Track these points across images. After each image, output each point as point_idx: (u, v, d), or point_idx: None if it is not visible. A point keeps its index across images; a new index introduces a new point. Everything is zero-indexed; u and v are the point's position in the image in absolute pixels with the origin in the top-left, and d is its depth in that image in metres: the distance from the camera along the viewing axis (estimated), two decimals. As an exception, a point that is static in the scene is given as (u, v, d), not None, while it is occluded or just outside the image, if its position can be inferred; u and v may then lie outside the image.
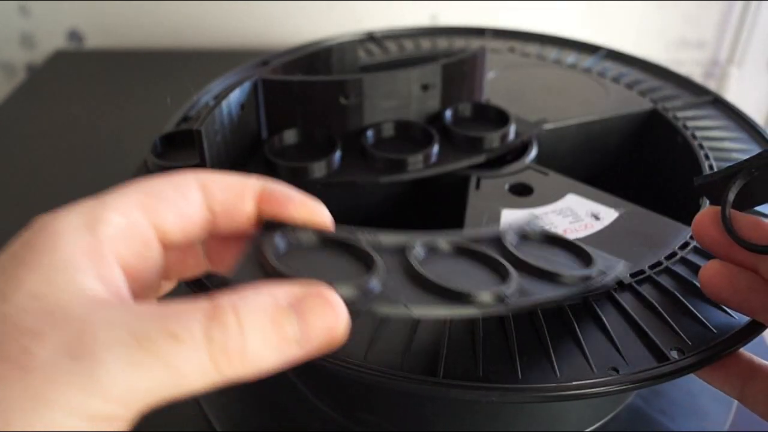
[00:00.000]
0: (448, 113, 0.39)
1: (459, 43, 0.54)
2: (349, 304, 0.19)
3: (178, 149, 0.36)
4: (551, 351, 0.25)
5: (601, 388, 0.24)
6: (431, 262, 0.23)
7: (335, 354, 0.24)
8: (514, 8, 0.84)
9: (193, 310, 0.17)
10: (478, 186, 0.36)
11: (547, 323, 0.26)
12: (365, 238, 0.23)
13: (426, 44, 0.54)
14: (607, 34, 0.85)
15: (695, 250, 0.31)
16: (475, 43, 0.54)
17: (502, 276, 0.23)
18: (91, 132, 0.67)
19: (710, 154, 0.38)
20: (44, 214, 0.19)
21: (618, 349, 0.25)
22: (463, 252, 0.24)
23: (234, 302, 0.17)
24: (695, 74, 0.88)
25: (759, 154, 0.25)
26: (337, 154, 0.35)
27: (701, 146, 0.39)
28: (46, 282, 0.17)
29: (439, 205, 0.39)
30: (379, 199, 0.40)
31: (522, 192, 0.36)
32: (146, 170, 0.35)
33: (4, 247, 0.18)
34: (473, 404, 0.31)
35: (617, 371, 0.24)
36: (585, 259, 0.26)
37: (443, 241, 0.24)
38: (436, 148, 0.36)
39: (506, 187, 0.36)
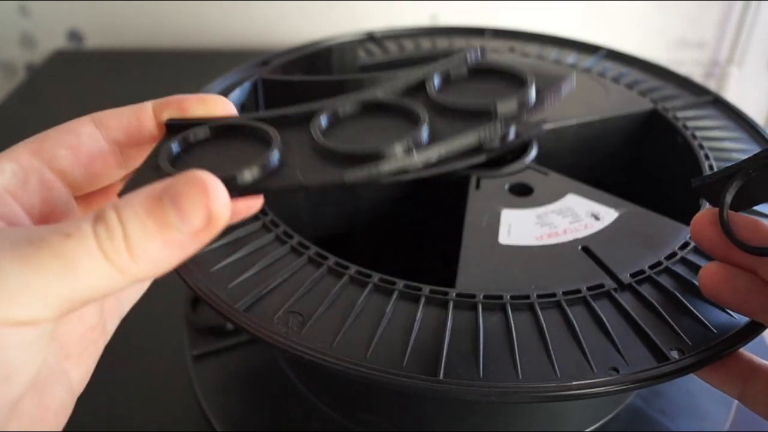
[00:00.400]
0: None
1: (459, 43, 0.54)
2: (242, 185, 0.19)
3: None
4: (551, 351, 0.25)
5: (602, 388, 0.24)
6: (337, 129, 0.22)
7: (336, 353, 0.25)
8: (514, 8, 0.84)
9: (84, 216, 0.18)
10: (478, 186, 0.36)
11: (547, 323, 0.26)
12: (268, 115, 0.22)
13: (426, 44, 0.54)
14: (607, 35, 0.85)
15: (695, 251, 0.31)
16: (475, 44, 0.54)
17: (415, 126, 0.21)
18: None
19: (710, 154, 0.38)
20: None
21: (618, 349, 0.25)
22: (373, 109, 0.22)
23: (115, 202, 0.18)
24: (695, 74, 0.88)
25: (756, 155, 0.24)
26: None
27: (701, 146, 0.39)
28: None
29: (439, 205, 0.39)
30: (378, 199, 0.40)
31: (522, 192, 0.36)
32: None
33: None
34: (473, 404, 0.31)
35: (617, 371, 0.24)
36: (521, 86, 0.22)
37: (349, 102, 0.22)
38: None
39: (506, 187, 0.36)
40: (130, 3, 0.83)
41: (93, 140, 0.22)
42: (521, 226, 0.33)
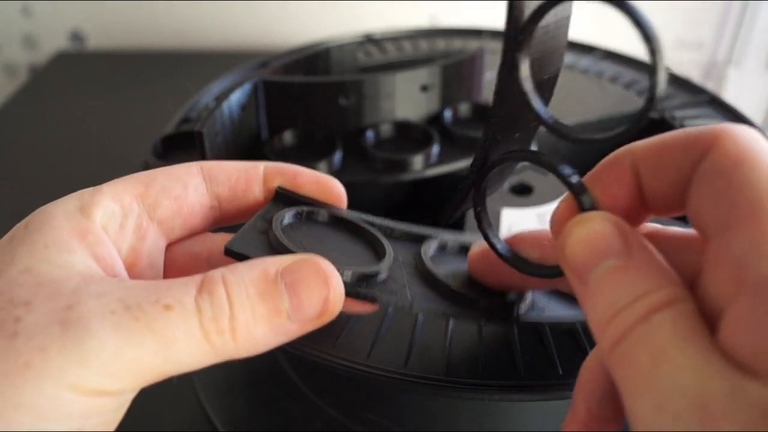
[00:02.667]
0: (448, 113, 0.39)
1: (456, 44, 0.54)
2: (352, 286, 0.19)
3: (179, 150, 0.36)
4: (553, 349, 0.25)
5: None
6: (440, 260, 0.22)
7: (338, 353, 0.25)
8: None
9: (185, 283, 0.17)
10: (478, 186, 0.36)
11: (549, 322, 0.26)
12: (379, 223, 0.22)
13: (424, 45, 0.54)
14: (606, 35, 0.86)
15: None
16: (472, 44, 0.54)
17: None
18: (92, 133, 0.67)
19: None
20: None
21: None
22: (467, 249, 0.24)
23: (224, 274, 0.17)
24: (694, 75, 0.88)
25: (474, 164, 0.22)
26: (338, 155, 0.35)
27: (699, 145, 0.39)
28: (39, 258, 0.17)
29: (440, 205, 0.39)
30: (379, 199, 0.40)
31: (522, 191, 0.36)
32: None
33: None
34: (476, 403, 0.31)
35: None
36: None
37: (453, 240, 0.24)
38: (436, 149, 0.36)
39: (506, 186, 0.36)
40: (132, 4, 0.83)
41: (198, 193, 0.21)
42: (521, 226, 0.33)
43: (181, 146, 0.37)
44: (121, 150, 0.62)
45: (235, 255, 0.19)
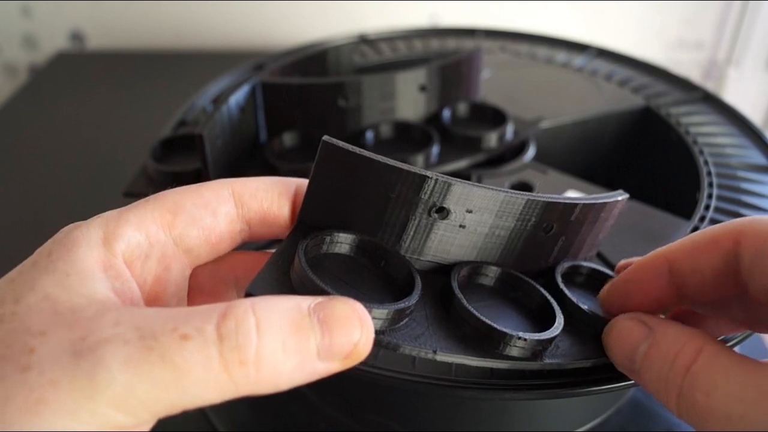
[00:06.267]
0: (446, 113, 0.39)
1: (451, 43, 0.54)
2: (378, 332, 0.18)
3: (178, 153, 0.36)
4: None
5: (612, 384, 0.24)
6: (469, 293, 0.21)
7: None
8: (513, 8, 0.84)
9: (208, 311, 0.16)
10: (478, 185, 0.36)
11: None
12: (406, 246, 0.21)
13: (419, 45, 0.54)
14: (605, 35, 0.86)
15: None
16: (466, 44, 0.54)
17: (543, 320, 0.22)
18: (92, 133, 0.67)
19: (705, 150, 0.39)
20: (70, 224, 0.19)
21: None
22: (506, 284, 0.23)
23: (254, 302, 0.16)
24: (693, 75, 0.88)
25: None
26: (338, 156, 0.35)
27: (695, 142, 0.40)
28: (60, 285, 0.17)
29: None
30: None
31: (522, 190, 0.36)
32: (145, 176, 0.35)
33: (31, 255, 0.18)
34: (483, 402, 0.31)
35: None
36: None
37: (488, 268, 0.23)
38: (436, 148, 0.36)
39: (507, 185, 0.36)
40: (132, 4, 0.83)
41: (228, 220, 0.20)
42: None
43: (180, 149, 0.36)
44: (121, 150, 0.62)
45: None
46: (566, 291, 0.23)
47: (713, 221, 0.33)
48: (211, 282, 0.22)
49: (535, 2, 0.84)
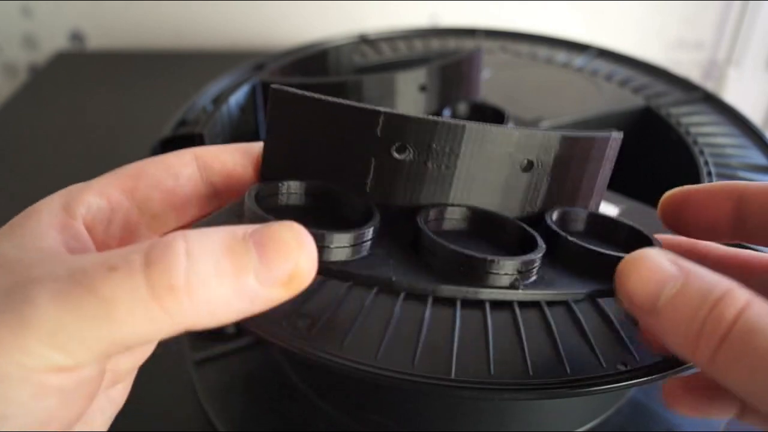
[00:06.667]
0: (447, 114, 0.39)
1: (451, 43, 0.54)
2: (329, 262, 0.17)
3: (178, 153, 0.36)
4: (560, 347, 0.25)
5: (613, 385, 0.24)
6: (440, 236, 0.20)
7: (345, 354, 0.25)
8: (513, 8, 0.84)
9: (141, 244, 0.15)
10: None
11: (555, 319, 0.26)
12: (369, 185, 0.20)
13: (418, 45, 0.54)
14: (605, 36, 0.86)
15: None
16: (466, 44, 0.54)
17: (524, 249, 0.20)
18: (92, 133, 0.67)
19: (705, 150, 0.39)
20: None
21: (626, 344, 0.25)
22: (479, 220, 0.21)
23: (187, 232, 0.15)
24: (693, 75, 0.88)
25: None
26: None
27: (695, 142, 0.40)
28: (11, 244, 0.17)
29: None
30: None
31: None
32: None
33: None
34: (482, 402, 0.31)
35: (626, 366, 0.25)
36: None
37: (457, 209, 0.21)
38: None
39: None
40: (132, 4, 0.83)
41: (192, 183, 0.20)
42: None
43: (180, 149, 0.36)
44: (121, 150, 0.62)
45: None
46: (558, 230, 0.21)
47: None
48: None
49: (535, 2, 0.84)
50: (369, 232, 0.18)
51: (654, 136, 0.44)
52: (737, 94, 0.87)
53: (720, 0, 0.83)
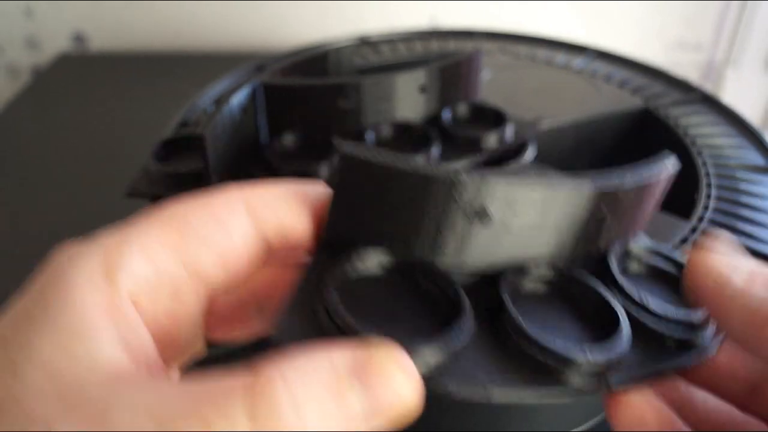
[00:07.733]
0: (446, 114, 0.39)
1: (451, 45, 0.55)
2: (426, 376, 0.16)
3: (180, 154, 0.36)
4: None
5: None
6: (518, 303, 0.19)
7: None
8: (513, 9, 0.84)
9: (231, 387, 0.13)
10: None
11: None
12: (446, 259, 0.19)
13: (418, 47, 0.54)
14: (605, 36, 0.86)
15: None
16: (466, 45, 0.55)
17: (601, 325, 0.19)
18: (94, 134, 0.67)
19: (703, 151, 0.39)
20: (60, 249, 0.16)
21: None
22: (559, 282, 0.20)
23: (283, 372, 0.14)
24: (692, 76, 0.89)
25: None
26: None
27: (694, 142, 0.40)
28: (62, 351, 0.14)
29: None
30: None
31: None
32: (147, 176, 0.35)
33: (19, 294, 0.16)
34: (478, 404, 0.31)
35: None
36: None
37: (537, 269, 0.20)
38: (436, 149, 0.36)
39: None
40: (134, 5, 0.83)
41: (244, 240, 0.17)
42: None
43: (181, 149, 0.37)
44: (123, 151, 0.62)
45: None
46: (632, 293, 0.20)
47: (712, 222, 0.33)
48: (229, 308, 0.20)
49: (535, 3, 0.84)
50: (465, 339, 0.17)
51: (653, 137, 0.44)
52: (735, 95, 0.87)
53: (719, 0, 0.83)
